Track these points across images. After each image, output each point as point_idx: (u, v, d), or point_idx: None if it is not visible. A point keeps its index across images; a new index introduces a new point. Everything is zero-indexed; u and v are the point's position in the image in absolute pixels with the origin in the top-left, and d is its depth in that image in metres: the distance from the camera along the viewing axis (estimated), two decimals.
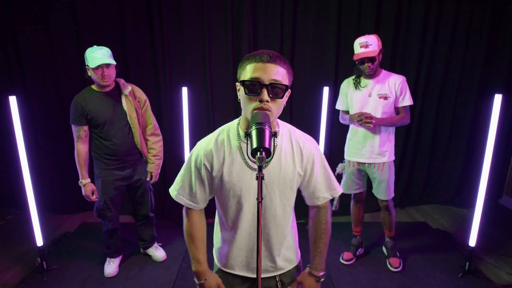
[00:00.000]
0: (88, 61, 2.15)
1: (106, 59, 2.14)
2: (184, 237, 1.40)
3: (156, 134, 2.55)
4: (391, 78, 2.37)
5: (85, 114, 2.23)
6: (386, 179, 2.47)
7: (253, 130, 0.95)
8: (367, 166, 2.49)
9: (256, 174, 0.91)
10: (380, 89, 2.36)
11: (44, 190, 3.45)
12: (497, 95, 2.25)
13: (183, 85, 3.01)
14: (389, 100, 2.35)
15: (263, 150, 0.91)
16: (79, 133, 2.27)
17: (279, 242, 1.29)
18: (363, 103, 2.40)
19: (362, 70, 2.35)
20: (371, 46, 2.23)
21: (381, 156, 2.44)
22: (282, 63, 1.05)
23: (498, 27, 3.44)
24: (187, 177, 1.26)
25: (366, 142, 2.43)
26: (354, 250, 2.74)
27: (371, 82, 2.38)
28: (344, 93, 2.52)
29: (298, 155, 1.18)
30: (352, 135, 2.52)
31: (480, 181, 2.40)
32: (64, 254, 2.81)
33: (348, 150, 2.57)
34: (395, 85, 2.35)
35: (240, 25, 3.37)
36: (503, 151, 3.76)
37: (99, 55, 2.13)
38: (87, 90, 2.30)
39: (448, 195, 3.88)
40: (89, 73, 2.20)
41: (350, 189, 2.62)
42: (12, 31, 3.25)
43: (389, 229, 2.67)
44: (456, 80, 3.60)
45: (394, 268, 2.58)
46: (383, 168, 2.45)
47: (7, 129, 3.09)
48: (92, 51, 2.15)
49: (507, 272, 2.59)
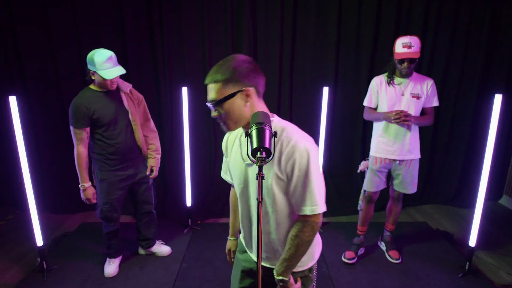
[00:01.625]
0: (98, 69, 2.11)
1: (119, 71, 2.16)
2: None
3: (154, 130, 2.62)
4: (422, 78, 2.45)
5: (90, 115, 2.19)
6: (412, 175, 2.55)
7: (253, 130, 0.96)
8: (397, 163, 2.53)
9: (256, 174, 0.91)
10: (413, 89, 2.41)
11: (44, 190, 3.45)
12: (497, 95, 2.25)
13: (183, 85, 3.01)
14: (420, 100, 2.41)
15: (263, 150, 0.91)
16: (81, 135, 2.22)
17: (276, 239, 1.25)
18: (395, 100, 2.44)
19: (400, 69, 2.38)
20: (414, 47, 2.27)
21: (409, 153, 2.50)
22: (212, 79, 1.14)
23: (498, 27, 3.44)
24: (224, 160, 1.45)
25: (398, 139, 2.47)
26: (356, 249, 2.75)
27: (406, 81, 2.42)
28: (375, 90, 2.53)
29: (277, 157, 1.11)
30: (383, 132, 2.52)
31: (480, 181, 2.40)
32: (64, 254, 2.81)
33: (377, 147, 2.57)
34: (427, 86, 2.42)
35: (240, 25, 3.37)
36: (503, 151, 3.76)
37: (110, 64, 2.13)
38: (87, 90, 2.27)
39: (448, 195, 3.88)
40: (94, 77, 2.18)
41: (376, 187, 2.63)
42: (12, 31, 3.25)
43: (392, 222, 2.76)
44: (456, 80, 3.60)
45: (395, 260, 2.66)
46: (411, 164, 2.53)
47: (7, 129, 3.09)
48: (102, 59, 2.10)
49: (507, 272, 2.59)
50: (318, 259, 1.35)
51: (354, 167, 3.78)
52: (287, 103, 3.60)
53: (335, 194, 3.77)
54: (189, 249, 2.88)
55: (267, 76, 1.28)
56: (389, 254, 2.73)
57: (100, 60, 2.10)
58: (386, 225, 2.83)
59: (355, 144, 3.75)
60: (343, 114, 3.67)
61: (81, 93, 2.26)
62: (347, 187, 3.81)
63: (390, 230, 2.80)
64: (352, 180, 3.79)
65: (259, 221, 0.94)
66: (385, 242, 2.82)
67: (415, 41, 2.28)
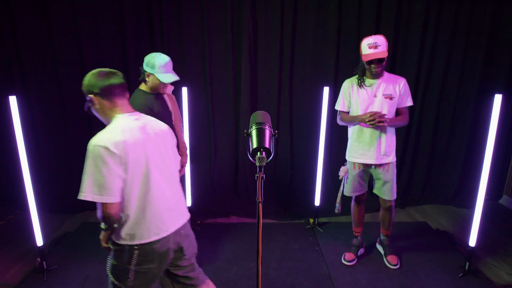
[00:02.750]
0: (156, 72, 2.13)
1: (175, 76, 2.18)
2: None
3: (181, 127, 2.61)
4: (394, 78, 2.40)
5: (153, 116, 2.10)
6: (391, 179, 2.48)
7: (253, 130, 0.96)
8: (373, 168, 2.48)
9: (256, 174, 0.91)
10: (385, 89, 2.36)
11: (44, 190, 3.44)
12: (497, 95, 2.25)
13: (183, 85, 3.01)
14: (394, 100, 2.36)
15: (263, 150, 0.91)
16: None
17: None
18: (368, 103, 2.38)
19: (369, 71, 2.33)
20: (380, 47, 2.21)
21: (386, 156, 2.43)
22: None
23: (498, 27, 3.44)
24: None
25: (373, 143, 2.40)
26: (355, 250, 2.74)
27: (377, 82, 2.37)
28: (347, 93, 2.48)
29: None
30: (358, 136, 2.46)
31: (480, 181, 2.40)
32: (64, 254, 2.81)
33: (354, 152, 2.51)
34: (399, 86, 2.37)
35: (240, 25, 3.37)
36: (503, 151, 3.76)
37: (168, 69, 2.16)
38: (140, 92, 2.25)
39: (448, 195, 3.88)
40: (149, 79, 2.18)
41: (355, 192, 2.59)
42: (12, 31, 3.25)
43: (386, 228, 2.69)
44: (456, 80, 3.60)
45: (393, 266, 2.60)
46: (389, 168, 2.46)
47: (7, 129, 3.09)
48: (162, 62, 2.14)
49: (507, 272, 2.59)
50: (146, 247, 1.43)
51: None
52: (287, 103, 3.60)
53: (335, 194, 3.76)
54: None
55: (267, 76, 1.29)
56: (387, 259, 2.65)
57: (160, 63, 2.13)
58: (381, 230, 2.77)
59: None
60: None
61: (137, 94, 2.24)
62: None
63: (386, 235, 2.74)
64: None
65: (259, 221, 0.94)
66: (383, 246, 2.76)
67: (381, 41, 2.21)
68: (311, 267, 2.64)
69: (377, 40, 2.21)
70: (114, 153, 1.29)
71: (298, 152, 3.76)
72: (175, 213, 1.53)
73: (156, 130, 1.51)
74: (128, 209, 1.38)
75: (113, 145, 1.29)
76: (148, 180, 1.41)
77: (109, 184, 1.29)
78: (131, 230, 1.39)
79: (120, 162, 1.31)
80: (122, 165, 1.32)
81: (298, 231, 3.20)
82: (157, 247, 1.43)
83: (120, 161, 1.31)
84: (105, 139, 1.30)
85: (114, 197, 1.30)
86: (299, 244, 2.98)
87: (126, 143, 1.33)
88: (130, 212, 1.39)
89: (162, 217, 1.45)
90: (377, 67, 2.27)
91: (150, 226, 1.41)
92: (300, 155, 3.75)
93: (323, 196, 3.30)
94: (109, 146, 1.28)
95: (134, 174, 1.36)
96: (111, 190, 1.30)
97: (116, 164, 1.30)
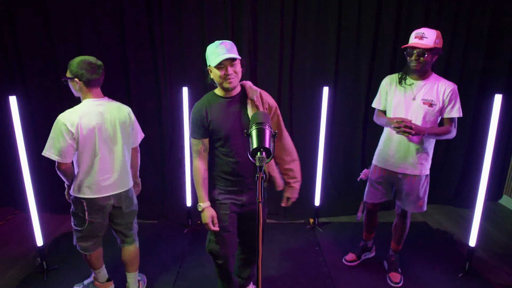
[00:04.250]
0: (210, 60, 1.70)
1: (229, 53, 1.65)
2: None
3: (291, 150, 1.99)
4: (441, 83, 2.08)
5: (206, 124, 1.78)
6: (417, 193, 2.23)
7: (253, 130, 0.96)
8: (397, 177, 2.25)
9: (256, 174, 0.91)
10: (426, 94, 2.09)
11: (44, 190, 3.44)
12: (497, 95, 2.25)
13: (183, 85, 3.01)
14: (434, 108, 2.07)
15: (263, 150, 0.91)
16: (197, 147, 1.83)
17: None
18: (403, 105, 2.14)
19: (409, 64, 2.09)
20: (426, 39, 1.97)
21: (412, 167, 2.18)
22: None
23: (498, 27, 3.44)
24: None
25: (400, 150, 2.18)
26: (359, 252, 2.68)
27: (418, 82, 2.11)
28: (384, 91, 2.25)
29: None
30: (386, 140, 2.27)
31: (480, 181, 2.40)
32: (64, 254, 2.81)
33: (378, 155, 2.34)
34: (444, 92, 2.06)
35: (240, 25, 3.37)
36: (503, 151, 3.76)
37: (222, 50, 1.65)
38: (210, 95, 1.87)
39: (448, 195, 3.88)
40: (212, 75, 1.76)
41: (374, 198, 2.39)
42: (12, 31, 3.25)
43: (398, 242, 2.48)
44: (456, 80, 3.59)
45: (394, 284, 2.41)
46: (414, 180, 2.20)
47: (7, 129, 3.09)
48: (214, 46, 1.69)
49: (507, 272, 2.59)
50: None
51: (354, 167, 3.79)
52: (287, 103, 3.60)
53: (335, 194, 3.77)
54: (189, 249, 2.88)
55: (267, 76, 1.29)
56: (388, 276, 2.47)
57: (211, 48, 1.69)
58: (391, 244, 2.55)
59: (355, 144, 3.75)
60: (343, 114, 3.66)
61: (203, 98, 1.89)
62: (347, 187, 3.81)
63: (395, 250, 2.53)
64: (352, 180, 3.79)
65: (259, 221, 0.94)
66: (388, 262, 2.55)
67: (430, 33, 1.97)
68: (311, 267, 2.64)
69: (426, 32, 1.98)
70: (69, 130, 1.79)
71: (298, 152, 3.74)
72: (116, 182, 1.99)
73: (113, 117, 1.94)
74: (79, 170, 1.92)
75: (70, 124, 1.80)
76: (95, 154, 1.90)
77: (62, 150, 1.81)
78: (79, 187, 1.93)
79: (72, 137, 1.81)
80: (74, 140, 1.82)
81: (298, 231, 3.20)
82: (98, 202, 1.95)
83: (72, 136, 1.81)
84: (67, 118, 1.81)
85: (64, 159, 1.83)
86: (299, 244, 2.98)
87: (80, 124, 1.82)
88: (80, 173, 1.92)
89: (103, 182, 1.94)
90: (416, 60, 2.02)
91: (93, 186, 1.93)
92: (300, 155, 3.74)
93: (323, 196, 3.30)
94: (67, 124, 1.79)
95: (84, 148, 1.86)
96: (63, 153, 1.82)
97: (70, 138, 1.81)
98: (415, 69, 2.06)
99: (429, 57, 2.01)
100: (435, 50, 2.00)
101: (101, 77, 1.94)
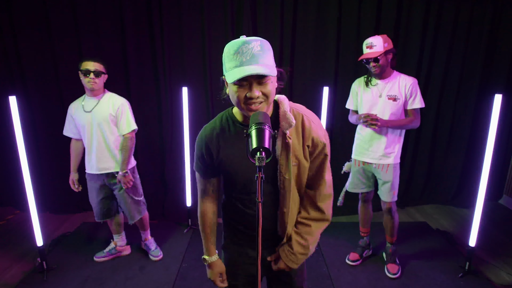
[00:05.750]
0: (225, 67, 1.12)
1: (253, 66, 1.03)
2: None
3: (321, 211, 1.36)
4: (401, 79, 2.36)
5: (214, 163, 1.27)
6: (390, 181, 2.45)
7: (253, 130, 0.95)
8: (373, 167, 2.50)
9: (256, 174, 0.91)
10: (390, 90, 2.36)
11: (44, 190, 3.45)
12: (497, 95, 2.25)
13: (183, 85, 3.01)
14: (398, 102, 2.33)
15: (263, 150, 0.91)
16: (203, 186, 1.38)
17: None
18: (372, 103, 2.40)
19: (369, 69, 2.37)
20: (375, 47, 2.27)
21: (385, 157, 2.43)
22: None
23: (498, 27, 3.44)
24: None
25: (372, 143, 2.44)
26: (360, 251, 2.72)
27: (381, 82, 2.38)
28: (355, 92, 2.53)
29: None
30: (359, 135, 2.53)
31: (480, 181, 2.40)
32: (64, 254, 2.81)
33: (355, 149, 2.59)
34: (405, 87, 2.33)
35: (240, 25, 3.37)
36: (503, 151, 3.76)
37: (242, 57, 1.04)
38: (225, 118, 1.27)
39: (448, 195, 3.88)
40: (227, 89, 1.17)
41: (357, 188, 2.63)
42: (12, 31, 3.25)
43: (390, 234, 2.60)
44: (456, 80, 3.60)
45: (391, 275, 2.51)
46: (388, 169, 2.44)
47: (7, 129, 3.09)
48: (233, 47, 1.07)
49: (507, 272, 2.59)
50: None
51: None
52: None
53: (335, 194, 3.76)
54: (189, 249, 2.88)
55: None
56: (387, 267, 2.56)
57: (228, 49, 1.09)
58: (386, 237, 2.68)
59: None
60: (343, 114, 3.65)
61: (215, 119, 1.30)
62: None
63: (391, 242, 2.64)
64: None
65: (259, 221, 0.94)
66: (386, 253, 2.66)
67: (377, 41, 2.26)
68: (311, 267, 2.64)
69: (374, 40, 2.27)
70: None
71: None
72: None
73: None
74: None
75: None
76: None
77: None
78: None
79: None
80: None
81: None
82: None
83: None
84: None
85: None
86: None
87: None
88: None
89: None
90: (374, 66, 2.30)
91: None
92: None
93: None
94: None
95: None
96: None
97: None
98: (376, 73, 2.35)
99: (384, 59, 2.30)
100: (387, 52, 2.29)
101: None
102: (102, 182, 2.51)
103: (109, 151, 2.45)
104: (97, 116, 2.38)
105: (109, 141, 2.43)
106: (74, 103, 2.48)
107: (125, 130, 2.44)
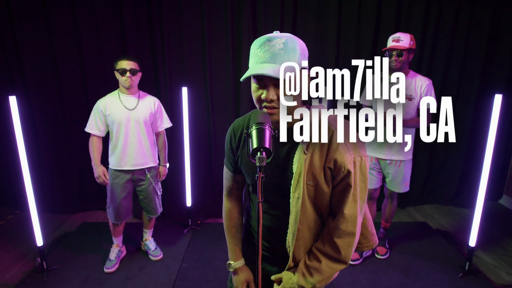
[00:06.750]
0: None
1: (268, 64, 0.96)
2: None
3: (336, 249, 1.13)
4: (417, 79, 2.40)
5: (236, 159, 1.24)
6: (402, 174, 2.55)
7: (253, 130, 0.95)
8: (386, 162, 2.57)
9: (256, 175, 0.91)
10: (406, 89, 2.38)
11: (44, 190, 3.45)
12: (497, 95, 2.25)
13: (183, 85, 3.01)
14: (413, 101, 2.38)
15: (263, 150, 0.91)
16: (228, 182, 1.31)
17: None
18: None
19: (389, 63, 2.37)
20: (402, 41, 2.31)
21: (398, 154, 2.51)
22: None
23: (498, 27, 3.44)
24: None
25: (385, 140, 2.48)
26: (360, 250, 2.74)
27: None
28: None
29: None
30: None
31: (480, 181, 2.40)
32: (64, 254, 2.81)
33: (368, 146, 2.63)
34: (421, 87, 2.37)
35: (240, 25, 3.37)
36: (503, 151, 3.76)
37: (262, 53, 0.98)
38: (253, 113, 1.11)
39: (448, 195, 3.88)
40: None
41: (371, 184, 2.67)
42: (12, 31, 3.24)
43: (386, 219, 2.77)
44: (456, 80, 3.60)
45: (380, 256, 2.70)
46: (400, 164, 2.54)
47: (7, 129, 3.09)
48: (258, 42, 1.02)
49: (507, 272, 2.59)
50: None
51: None
52: None
53: None
54: (189, 249, 2.88)
55: None
56: (376, 249, 2.76)
57: (252, 47, 1.04)
58: (381, 222, 2.86)
59: None
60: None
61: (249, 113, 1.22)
62: None
63: (384, 227, 2.82)
64: None
65: (259, 221, 0.94)
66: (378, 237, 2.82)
67: (405, 36, 2.31)
68: None
69: (401, 35, 2.33)
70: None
71: None
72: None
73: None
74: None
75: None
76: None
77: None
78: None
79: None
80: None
81: None
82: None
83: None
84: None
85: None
86: None
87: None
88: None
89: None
90: (396, 60, 2.32)
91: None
92: None
93: None
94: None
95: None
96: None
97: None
98: (395, 68, 2.34)
99: (406, 56, 2.34)
100: (411, 50, 2.35)
101: None
102: (130, 177, 2.53)
103: (147, 147, 2.53)
104: (139, 114, 2.46)
105: (148, 138, 2.53)
106: (104, 100, 2.44)
107: (164, 126, 2.63)
